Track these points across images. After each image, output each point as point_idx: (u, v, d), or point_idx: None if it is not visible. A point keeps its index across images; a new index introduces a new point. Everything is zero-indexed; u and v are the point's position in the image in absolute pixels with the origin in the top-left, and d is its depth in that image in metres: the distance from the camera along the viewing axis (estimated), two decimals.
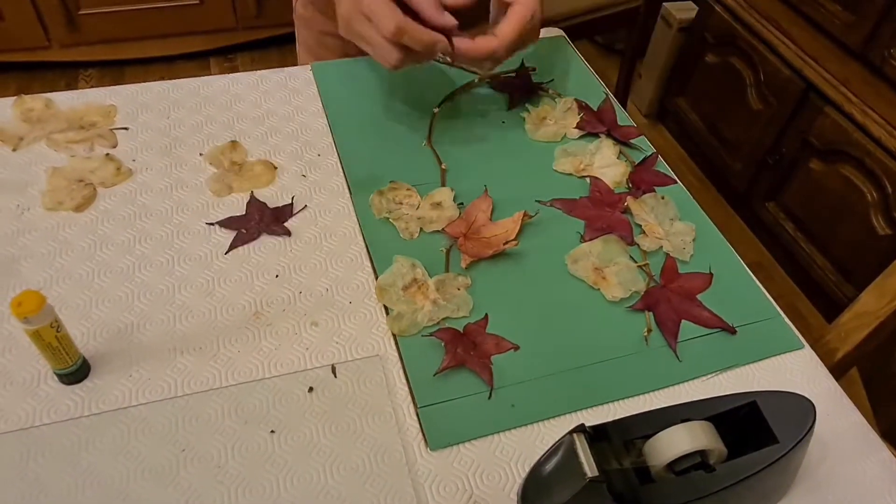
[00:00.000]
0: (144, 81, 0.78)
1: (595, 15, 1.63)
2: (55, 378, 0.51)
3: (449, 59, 0.68)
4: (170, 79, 0.79)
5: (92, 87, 2.07)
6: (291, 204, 0.66)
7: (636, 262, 0.63)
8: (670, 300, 0.60)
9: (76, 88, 2.08)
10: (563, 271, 0.62)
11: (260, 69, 0.82)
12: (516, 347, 0.56)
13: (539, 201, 0.68)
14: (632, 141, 0.76)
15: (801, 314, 1.65)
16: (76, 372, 0.51)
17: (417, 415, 0.52)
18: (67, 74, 2.10)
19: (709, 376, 0.56)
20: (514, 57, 0.67)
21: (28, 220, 0.62)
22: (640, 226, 0.66)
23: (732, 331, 0.59)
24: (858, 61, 1.41)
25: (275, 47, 2.18)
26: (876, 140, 1.35)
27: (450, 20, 0.62)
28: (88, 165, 0.67)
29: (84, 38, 2.01)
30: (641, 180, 0.71)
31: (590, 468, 0.41)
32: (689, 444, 0.43)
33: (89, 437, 0.49)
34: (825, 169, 1.48)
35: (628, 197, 0.68)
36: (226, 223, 0.64)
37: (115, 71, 2.12)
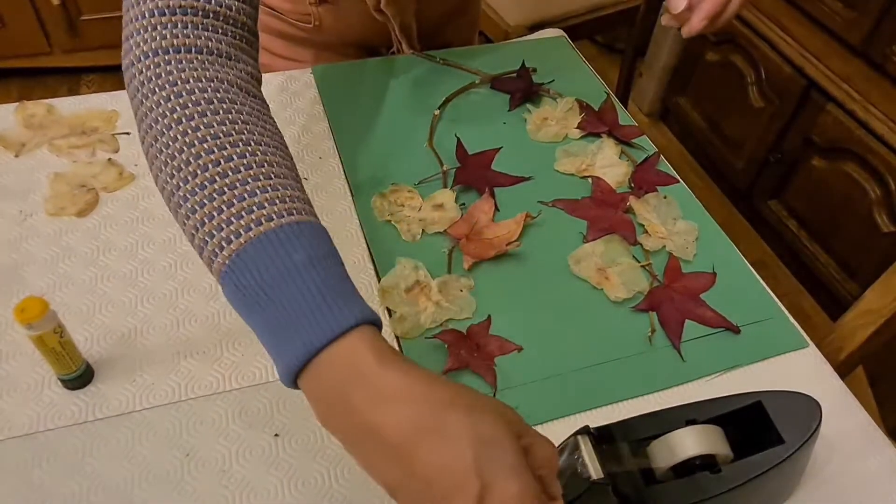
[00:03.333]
0: None
1: (595, 14, 1.62)
2: (59, 383, 0.51)
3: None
4: None
5: (94, 92, 2.08)
6: None
7: (639, 262, 0.63)
8: (674, 300, 0.60)
9: (78, 94, 2.08)
10: (566, 272, 0.62)
11: None
12: (520, 349, 0.56)
13: (541, 202, 0.68)
14: (633, 140, 0.75)
15: (805, 312, 1.64)
16: (80, 377, 0.51)
17: None
18: (69, 80, 2.10)
19: (713, 376, 0.56)
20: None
21: (30, 225, 0.63)
22: (643, 225, 0.66)
23: (736, 330, 0.59)
24: (860, 58, 1.40)
25: None
26: (878, 137, 1.34)
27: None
28: (90, 170, 0.67)
29: (85, 43, 2.01)
30: (643, 180, 0.71)
31: (594, 470, 0.41)
32: (696, 447, 0.43)
33: (93, 443, 0.49)
34: (828, 166, 1.48)
35: (630, 197, 0.68)
36: None
37: (117, 76, 2.12)
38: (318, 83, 0.80)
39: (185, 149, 0.40)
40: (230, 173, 0.39)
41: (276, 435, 0.50)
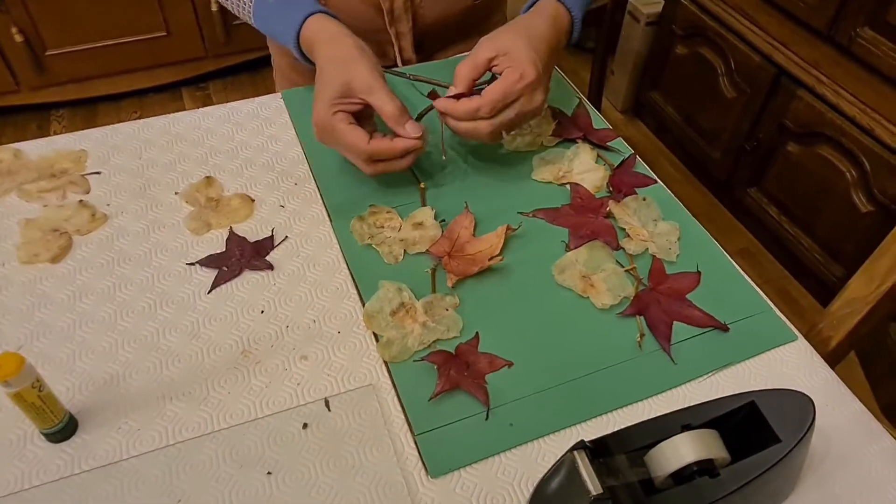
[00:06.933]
0: (117, 117, 0.78)
1: None
2: (42, 437, 0.50)
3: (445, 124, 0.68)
4: (143, 113, 0.78)
5: (64, 127, 2.05)
6: (272, 236, 0.65)
7: (623, 266, 0.63)
8: (660, 302, 0.60)
9: (48, 130, 2.06)
10: (551, 282, 0.62)
11: (233, 96, 0.81)
12: (510, 364, 0.55)
13: (521, 213, 0.68)
14: (609, 144, 0.75)
15: (792, 297, 1.65)
16: (63, 430, 0.50)
17: (416, 442, 0.51)
18: (39, 116, 2.07)
19: (705, 377, 0.56)
20: (517, 127, 0.69)
21: (3, 275, 0.61)
22: (624, 229, 0.66)
23: (725, 328, 0.59)
24: (827, 43, 1.42)
25: (246, 73, 2.16)
26: (850, 119, 1.36)
27: (413, 132, 0.64)
28: (62, 214, 0.66)
29: (53, 78, 1.99)
30: (622, 183, 0.71)
31: (593, 486, 0.41)
32: (693, 454, 0.42)
33: (81, 497, 0.47)
34: (803, 151, 1.49)
35: (610, 201, 0.68)
36: (206, 262, 0.63)
37: (87, 109, 2.09)
38: (288, 108, 0.79)
39: None
40: None
41: (269, 473, 0.49)
